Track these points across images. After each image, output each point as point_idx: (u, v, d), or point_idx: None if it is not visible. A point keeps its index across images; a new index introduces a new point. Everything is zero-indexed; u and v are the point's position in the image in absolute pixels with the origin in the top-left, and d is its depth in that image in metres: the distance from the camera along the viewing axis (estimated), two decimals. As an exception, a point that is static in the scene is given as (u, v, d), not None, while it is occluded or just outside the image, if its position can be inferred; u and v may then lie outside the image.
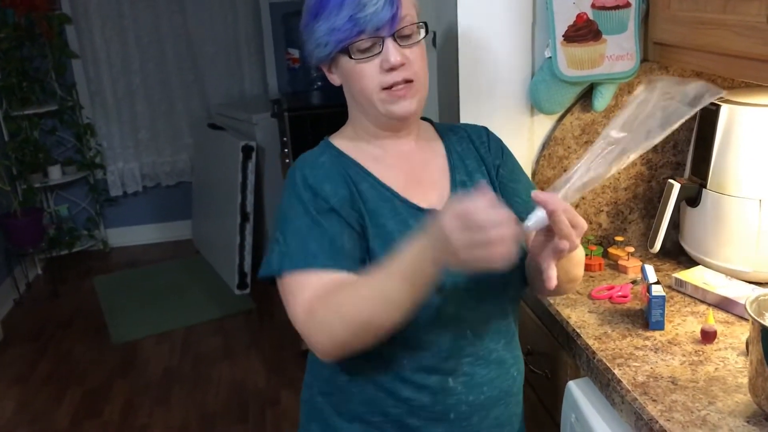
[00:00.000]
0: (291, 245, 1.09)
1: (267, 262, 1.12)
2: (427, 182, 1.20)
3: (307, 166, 1.15)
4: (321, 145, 1.23)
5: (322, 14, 1.09)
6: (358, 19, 1.06)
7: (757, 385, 1.06)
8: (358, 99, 1.15)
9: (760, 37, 1.17)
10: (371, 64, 1.10)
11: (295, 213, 1.11)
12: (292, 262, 1.08)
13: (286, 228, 1.12)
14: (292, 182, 1.14)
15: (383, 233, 1.12)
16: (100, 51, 4.53)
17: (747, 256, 1.46)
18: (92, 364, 3.38)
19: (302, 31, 1.15)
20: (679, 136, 1.68)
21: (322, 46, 1.11)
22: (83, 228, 4.71)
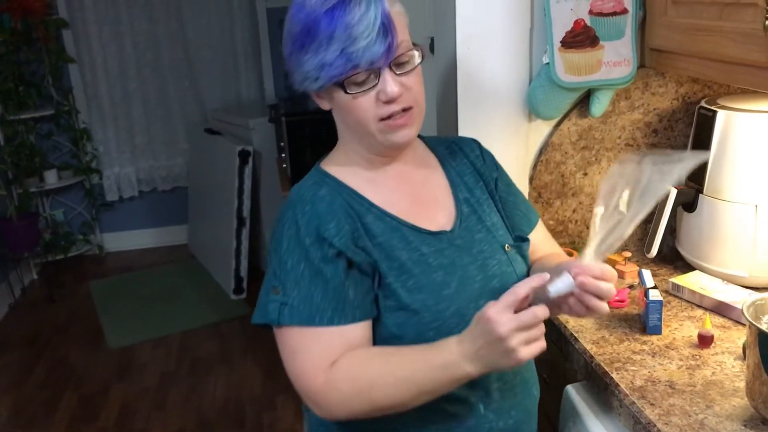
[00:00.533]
0: (293, 296, 1.03)
1: (264, 310, 1.06)
2: (431, 203, 1.17)
3: (307, 203, 1.07)
4: (315, 175, 1.14)
5: (310, 46, 1.02)
6: (350, 53, 0.99)
7: (755, 388, 1.06)
8: (354, 129, 1.10)
9: (756, 44, 1.18)
10: (368, 97, 1.04)
11: (297, 260, 1.04)
12: (295, 316, 1.03)
13: (286, 277, 1.04)
14: (292, 224, 1.06)
15: (398, 267, 1.07)
16: (97, 56, 4.53)
17: (743, 261, 1.46)
18: (88, 369, 3.37)
19: (286, 60, 1.07)
20: (676, 142, 1.69)
21: (312, 80, 1.04)
22: (79, 232, 4.70)
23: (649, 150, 1.69)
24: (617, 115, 1.66)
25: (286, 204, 1.10)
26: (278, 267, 1.05)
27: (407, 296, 1.05)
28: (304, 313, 1.03)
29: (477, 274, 1.11)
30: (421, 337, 1.04)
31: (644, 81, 1.64)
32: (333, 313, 1.03)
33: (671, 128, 1.68)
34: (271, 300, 1.05)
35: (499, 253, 1.15)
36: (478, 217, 1.17)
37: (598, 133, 1.67)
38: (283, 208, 1.10)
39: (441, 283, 1.07)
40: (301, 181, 1.14)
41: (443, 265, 1.09)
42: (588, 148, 1.67)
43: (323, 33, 1.00)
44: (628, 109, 1.66)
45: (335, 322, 1.03)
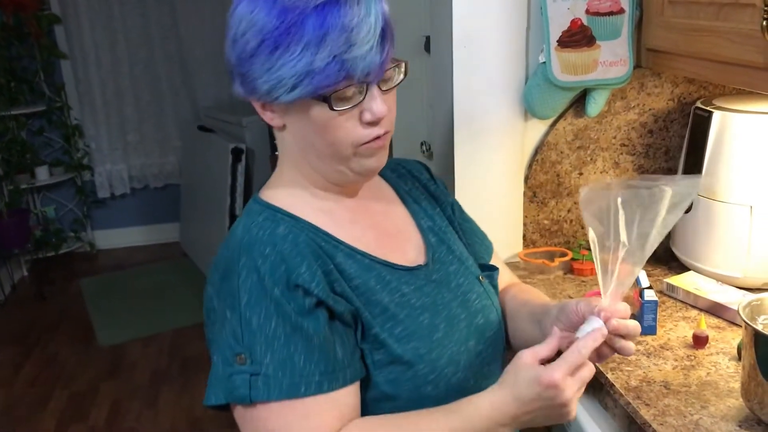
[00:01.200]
0: (266, 363, 0.83)
1: (225, 386, 0.85)
2: (396, 234, 1.03)
3: (265, 244, 0.87)
4: (259, 210, 0.94)
5: (290, 46, 0.83)
6: (345, 61, 0.83)
7: (750, 389, 1.06)
8: (321, 152, 0.92)
9: (753, 45, 1.18)
10: (348, 116, 0.89)
11: (264, 316, 0.84)
12: (274, 388, 0.83)
13: (252, 339, 0.84)
14: (251, 272, 0.86)
15: (381, 313, 0.92)
16: (89, 52, 4.50)
17: (738, 262, 1.47)
18: (78, 367, 3.35)
19: (242, 62, 0.87)
20: (671, 142, 1.69)
21: (287, 88, 0.85)
22: (70, 230, 4.68)
23: (643, 150, 1.69)
24: (613, 115, 1.66)
25: (231, 249, 0.89)
26: (239, 328, 0.85)
27: (398, 347, 0.91)
28: (284, 382, 0.83)
29: (461, 312, 1.00)
30: (417, 395, 0.92)
31: (640, 81, 1.64)
32: (321, 377, 0.85)
33: (666, 129, 1.68)
34: (236, 371, 0.84)
35: (476, 286, 1.06)
36: (447, 247, 1.06)
37: (594, 132, 1.66)
38: (226, 256, 0.89)
39: (429, 326, 0.95)
40: (244, 220, 0.93)
41: (427, 306, 0.96)
42: (583, 147, 1.67)
43: (311, 34, 0.82)
44: (624, 110, 1.66)
45: (325, 388, 0.85)
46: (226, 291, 0.88)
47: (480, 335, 1.01)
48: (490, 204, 1.65)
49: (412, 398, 0.92)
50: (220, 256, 0.92)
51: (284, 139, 0.96)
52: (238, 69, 0.89)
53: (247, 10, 0.86)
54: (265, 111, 0.93)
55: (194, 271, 4.31)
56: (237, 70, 0.90)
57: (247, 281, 0.86)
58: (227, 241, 0.92)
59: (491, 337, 1.04)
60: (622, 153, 1.69)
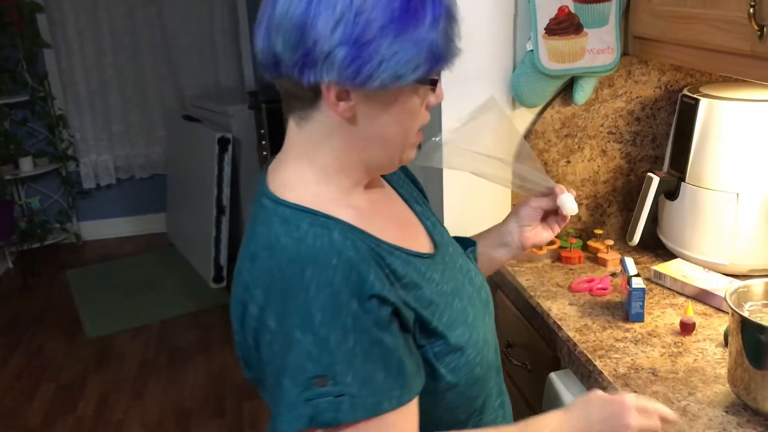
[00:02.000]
0: (349, 383, 0.79)
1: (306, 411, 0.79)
2: (407, 222, 1.02)
3: (330, 254, 0.81)
4: (297, 216, 0.85)
5: (419, 24, 0.80)
6: (453, 42, 0.85)
7: (736, 375, 1.07)
8: (392, 141, 0.89)
9: (740, 32, 1.18)
10: (421, 101, 0.89)
11: (342, 334, 0.79)
12: (360, 408, 0.79)
13: (332, 359, 0.79)
14: (323, 287, 0.79)
15: (429, 305, 0.90)
16: (73, 41, 4.45)
17: (724, 249, 1.47)
18: (65, 360, 3.33)
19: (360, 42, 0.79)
20: (659, 130, 1.70)
21: (411, 70, 0.81)
22: (55, 221, 4.64)
23: (630, 138, 1.70)
24: (600, 103, 1.66)
25: (284, 263, 0.81)
26: (315, 349, 0.79)
27: (451, 335, 0.92)
28: (369, 401, 0.79)
29: (472, 291, 1.02)
30: (471, 378, 0.94)
31: (627, 69, 1.64)
32: (401, 391, 0.82)
33: (654, 116, 1.69)
34: (317, 395, 0.79)
35: (470, 263, 1.08)
36: (438, 231, 1.06)
37: (581, 120, 1.66)
38: (278, 271, 0.81)
39: (462, 311, 0.95)
40: (280, 227, 0.84)
41: (453, 291, 0.97)
42: (571, 136, 1.67)
43: (431, 15, 0.81)
44: (611, 97, 1.66)
45: (404, 400, 0.82)
46: (289, 310, 0.80)
47: (487, 309, 1.03)
48: (478, 193, 1.65)
49: (468, 382, 0.94)
50: (261, 271, 0.83)
51: (340, 132, 0.88)
52: (345, 51, 0.79)
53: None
54: (339, 102, 0.84)
55: (181, 262, 4.29)
56: (342, 53, 0.79)
57: (318, 297, 0.79)
58: (268, 253, 0.83)
59: (491, 310, 1.07)
60: (610, 141, 1.69)
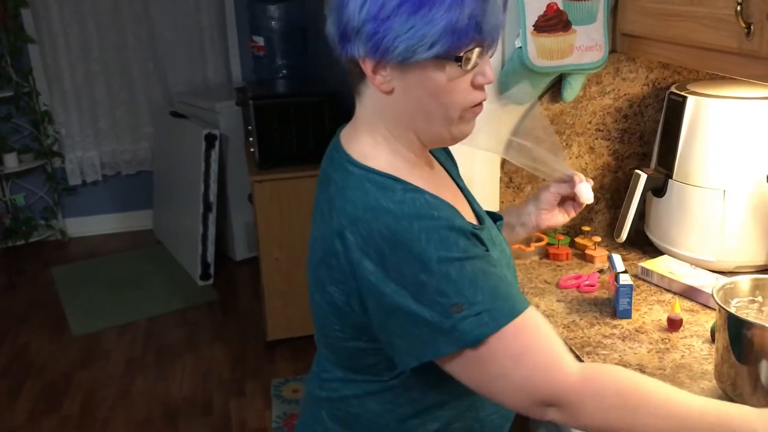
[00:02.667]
0: (482, 301, 0.88)
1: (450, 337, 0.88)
2: (458, 196, 1.11)
3: (432, 208, 0.92)
4: (387, 183, 0.95)
5: (434, 7, 0.87)
6: (480, 22, 0.89)
7: (723, 371, 1.08)
8: (432, 114, 0.96)
9: (728, 30, 1.18)
10: (465, 78, 0.94)
11: (459, 266, 0.88)
12: (501, 316, 0.88)
13: (460, 288, 0.88)
14: (433, 233, 0.89)
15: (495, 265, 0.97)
16: (59, 36, 4.41)
17: (711, 246, 1.48)
18: (51, 357, 3.30)
19: (379, 19, 0.89)
20: (646, 127, 1.70)
21: (426, 46, 0.89)
22: (41, 217, 4.60)
23: (618, 135, 1.70)
24: (588, 100, 1.66)
25: (389, 221, 0.90)
26: (442, 284, 0.88)
27: None
28: (505, 308, 0.89)
29: (508, 263, 1.10)
30: None
31: (615, 66, 1.64)
32: (519, 295, 0.94)
33: (641, 114, 1.69)
34: (459, 320, 0.87)
35: (501, 237, 1.15)
36: (476, 205, 1.14)
37: (569, 117, 1.67)
38: (387, 228, 0.90)
39: (513, 281, 1.03)
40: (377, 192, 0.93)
41: (502, 262, 1.05)
42: (559, 132, 1.67)
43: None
44: (599, 95, 1.66)
45: (526, 302, 0.92)
46: (408, 259, 0.89)
47: (516, 278, 1.12)
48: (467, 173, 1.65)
49: None
50: (370, 231, 0.90)
51: (386, 105, 0.97)
52: (369, 27, 0.90)
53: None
54: (376, 75, 0.94)
55: (168, 259, 4.26)
56: (367, 29, 0.90)
57: (430, 242, 0.88)
58: (372, 215, 0.91)
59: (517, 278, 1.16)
60: (598, 138, 1.70)
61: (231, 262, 4.16)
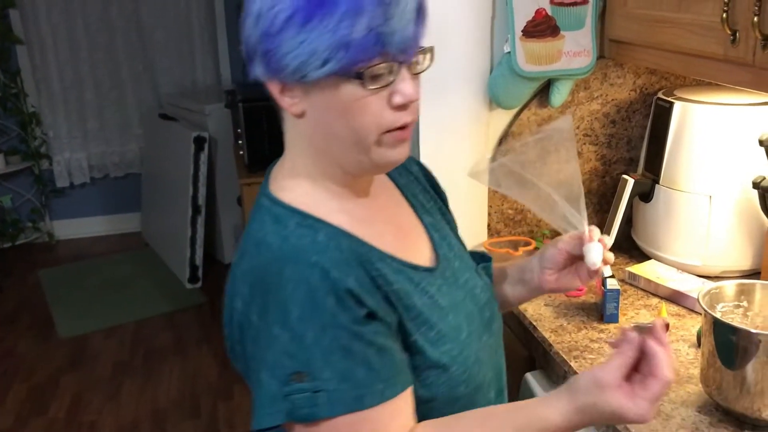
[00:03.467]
0: (327, 378, 0.79)
1: (283, 406, 0.80)
2: (411, 232, 1.00)
3: (310, 253, 0.82)
4: (285, 215, 0.87)
5: (325, 17, 0.78)
6: (381, 34, 0.79)
7: (709, 375, 1.09)
8: (345, 139, 0.86)
9: (714, 36, 1.19)
10: (377, 98, 0.83)
11: (319, 330, 0.80)
12: (338, 403, 0.79)
13: (309, 355, 0.79)
14: (300, 284, 0.80)
15: (416, 317, 0.89)
16: (47, 37, 4.39)
17: (697, 251, 1.49)
18: (38, 360, 3.28)
19: (269, 36, 0.82)
20: (633, 132, 1.71)
21: (319, 63, 0.80)
22: (28, 220, 4.57)
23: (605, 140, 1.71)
24: (576, 106, 1.67)
25: (267, 259, 0.84)
26: (292, 345, 0.80)
27: (434, 351, 0.89)
28: (348, 396, 0.79)
29: (473, 309, 1.00)
30: (451, 395, 0.91)
31: (603, 72, 1.65)
32: (384, 385, 0.82)
33: (629, 119, 1.70)
34: (295, 390, 0.80)
35: (477, 280, 1.05)
36: (447, 243, 1.04)
37: (558, 123, 1.67)
38: (262, 267, 0.84)
39: (456, 327, 0.93)
40: (271, 226, 0.87)
41: (450, 306, 0.95)
42: (547, 137, 1.68)
43: (347, 4, 0.78)
44: (587, 100, 1.67)
45: (387, 395, 0.82)
46: (269, 305, 0.82)
47: (489, 329, 1.00)
48: (454, 193, 1.63)
49: (446, 399, 0.91)
50: (248, 267, 0.85)
51: (300, 129, 0.89)
52: (262, 46, 0.83)
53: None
54: (284, 96, 0.86)
55: (156, 262, 4.25)
56: (261, 48, 0.83)
57: (296, 294, 0.80)
58: (255, 250, 0.85)
59: (497, 328, 1.04)
60: (585, 143, 1.70)
61: (219, 264, 4.15)
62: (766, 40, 1.08)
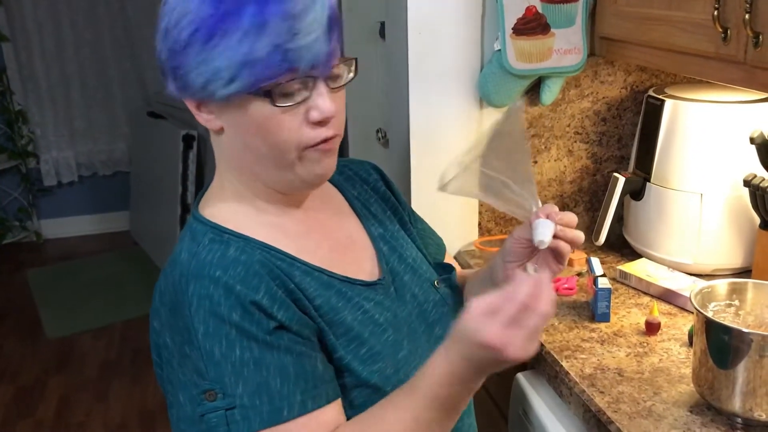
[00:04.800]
0: (239, 394, 0.77)
1: (202, 428, 0.78)
2: (350, 246, 0.97)
3: (215, 267, 0.80)
4: (203, 230, 0.86)
5: (227, 34, 0.77)
6: (288, 51, 0.77)
7: (701, 375, 1.08)
8: (263, 156, 0.85)
9: (705, 34, 1.19)
10: (293, 114, 0.82)
11: (227, 345, 0.77)
12: (254, 418, 0.76)
13: (219, 371, 0.77)
14: (202, 300, 0.78)
15: (344, 333, 0.86)
16: (33, 34, 4.34)
17: (688, 249, 1.49)
18: (25, 361, 3.25)
19: (175, 53, 0.81)
20: (624, 130, 1.71)
21: (223, 81, 0.78)
22: (15, 219, 4.53)
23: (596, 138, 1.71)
24: (567, 104, 1.66)
25: (176, 277, 0.81)
26: (201, 363, 0.77)
27: (363, 370, 0.86)
28: (264, 409, 0.77)
29: (420, 325, 0.96)
30: None
31: (594, 69, 1.64)
32: (303, 396, 0.79)
33: (619, 117, 1.70)
34: (208, 410, 0.77)
35: (432, 294, 1.02)
36: (399, 255, 1.01)
37: (548, 121, 1.67)
38: (172, 286, 0.82)
39: (393, 344, 0.90)
40: (187, 243, 0.85)
41: (390, 322, 0.91)
42: (538, 135, 1.67)
43: (249, 21, 0.76)
44: (578, 98, 1.66)
45: (309, 407, 0.79)
46: (178, 325, 0.80)
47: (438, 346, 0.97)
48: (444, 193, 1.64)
49: None
50: (163, 287, 0.84)
51: (222, 145, 0.88)
52: (170, 63, 0.83)
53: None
54: (200, 112, 0.85)
55: (145, 261, 4.22)
56: (169, 65, 0.83)
57: (199, 311, 0.78)
58: (170, 269, 0.84)
59: None
60: (576, 141, 1.70)
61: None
62: (758, 37, 1.07)
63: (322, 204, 0.97)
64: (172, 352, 0.81)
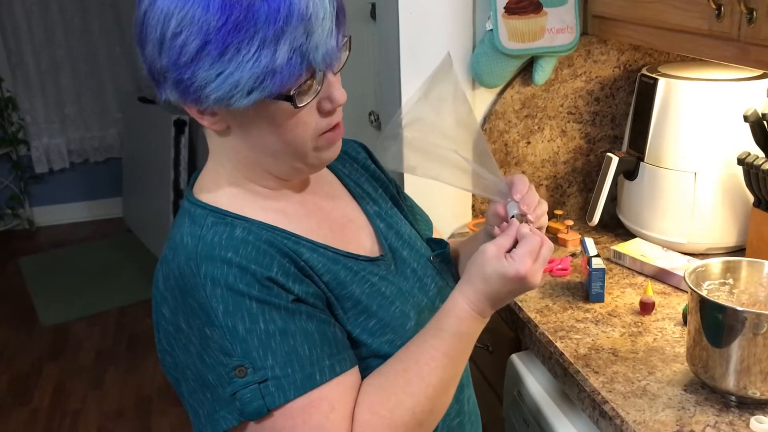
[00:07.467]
0: (270, 366, 0.76)
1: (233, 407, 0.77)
2: (348, 224, 0.97)
3: (225, 248, 0.79)
4: (203, 214, 0.85)
5: (243, 45, 0.74)
6: (306, 52, 0.76)
7: (695, 354, 1.08)
8: (278, 152, 0.84)
9: (698, 11, 1.18)
10: (307, 109, 0.82)
11: (251, 319, 0.77)
12: (290, 387, 0.76)
13: (246, 346, 0.76)
14: (218, 280, 0.77)
15: (353, 306, 0.87)
16: (21, 21, 4.29)
17: (682, 228, 1.48)
18: (19, 349, 3.24)
19: (181, 66, 0.76)
20: (618, 109, 1.70)
21: (244, 93, 0.76)
22: (7, 207, 4.50)
23: (590, 118, 1.70)
24: (560, 83, 1.65)
25: (182, 261, 0.80)
26: (226, 341, 0.77)
27: (373, 341, 0.87)
28: (297, 377, 0.77)
29: (423, 298, 0.98)
30: None
31: (587, 48, 1.63)
32: (331, 360, 0.80)
33: (613, 96, 1.69)
34: (240, 386, 0.76)
35: (429, 269, 1.03)
36: (396, 232, 1.01)
37: (541, 101, 1.66)
38: (178, 270, 0.80)
39: (402, 316, 0.91)
40: (188, 227, 0.84)
41: (396, 295, 0.93)
42: (531, 116, 1.66)
43: (267, 28, 0.73)
44: (571, 77, 1.65)
45: (337, 370, 0.80)
46: (194, 308, 0.79)
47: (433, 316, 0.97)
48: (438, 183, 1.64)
49: None
50: (167, 272, 0.83)
51: (227, 143, 0.86)
52: (173, 75, 0.77)
53: (173, 4, 0.75)
54: (203, 116, 0.82)
55: (139, 247, 4.20)
56: (172, 76, 0.78)
57: (216, 290, 0.77)
58: (172, 254, 0.83)
59: None
60: (570, 121, 1.69)
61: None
62: (752, 13, 1.06)
63: (317, 185, 0.97)
64: (189, 337, 0.80)
